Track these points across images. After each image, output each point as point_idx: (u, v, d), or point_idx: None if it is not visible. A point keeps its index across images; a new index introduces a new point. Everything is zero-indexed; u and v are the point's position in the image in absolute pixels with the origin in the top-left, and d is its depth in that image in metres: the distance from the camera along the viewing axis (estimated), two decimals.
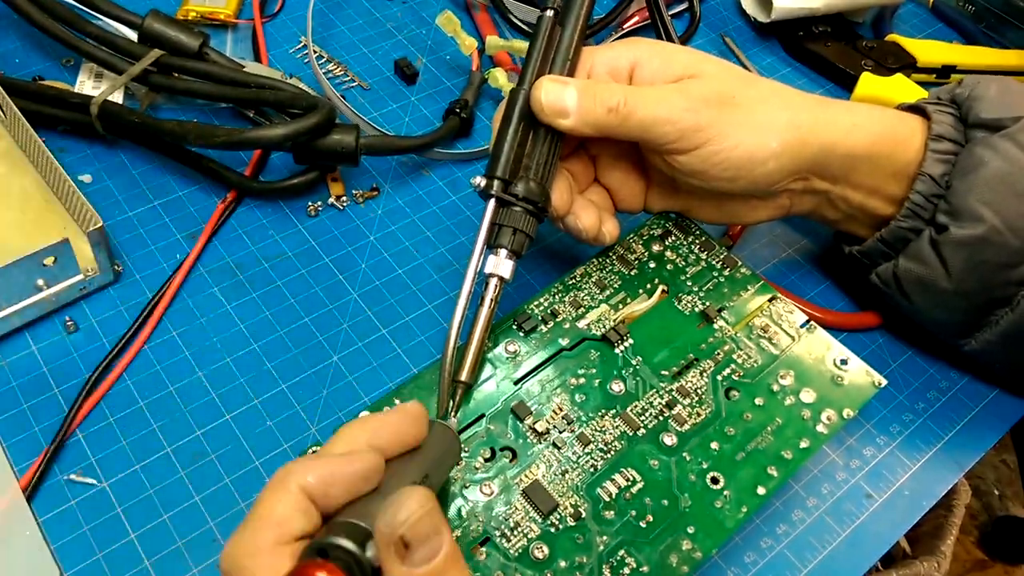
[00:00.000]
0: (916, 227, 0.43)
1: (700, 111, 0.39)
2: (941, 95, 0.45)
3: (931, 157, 0.42)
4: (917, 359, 0.49)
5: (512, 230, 0.39)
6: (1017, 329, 0.43)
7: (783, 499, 0.43)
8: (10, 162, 0.47)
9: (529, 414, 0.38)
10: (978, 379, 0.48)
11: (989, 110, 0.42)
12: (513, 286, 0.40)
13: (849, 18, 0.67)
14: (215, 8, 0.58)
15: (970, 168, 0.41)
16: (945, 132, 0.43)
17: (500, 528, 0.34)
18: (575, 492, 0.36)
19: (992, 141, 0.41)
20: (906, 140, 0.43)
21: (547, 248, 0.51)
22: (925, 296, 0.44)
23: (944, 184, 0.42)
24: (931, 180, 0.42)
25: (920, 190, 0.42)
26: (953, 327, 0.45)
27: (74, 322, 0.44)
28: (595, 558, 0.34)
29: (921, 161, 0.42)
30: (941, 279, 0.42)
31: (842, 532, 0.42)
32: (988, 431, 0.47)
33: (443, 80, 0.59)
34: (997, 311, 0.43)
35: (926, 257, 0.43)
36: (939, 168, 0.42)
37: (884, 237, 0.44)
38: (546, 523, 0.35)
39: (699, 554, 0.35)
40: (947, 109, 0.44)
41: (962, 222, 0.41)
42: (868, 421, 0.47)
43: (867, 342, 0.50)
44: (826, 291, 0.51)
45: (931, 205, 0.42)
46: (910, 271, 0.43)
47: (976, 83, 0.44)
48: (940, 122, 0.43)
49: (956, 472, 0.46)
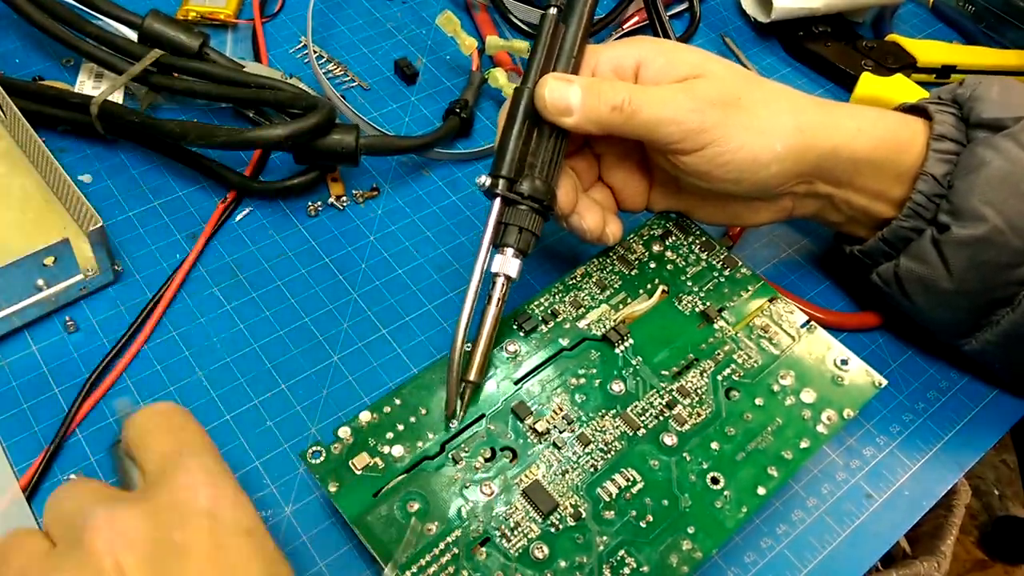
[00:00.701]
0: (918, 227, 0.43)
1: (705, 112, 0.39)
2: (943, 95, 0.45)
3: (933, 157, 0.42)
4: (917, 359, 0.49)
5: (518, 229, 0.39)
6: (1018, 329, 0.43)
7: (783, 499, 0.43)
8: (10, 162, 0.47)
9: (529, 414, 0.38)
10: (978, 379, 0.48)
11: (991, 110, 0.42)
12: (514, 286, 0.40)
13: (849, 18, 0.67)
14: (215, 8, 0.58)
15: (972, 168, 0.41)
16: (947, 132, 0.43)
17: (500, 528, 0.34)
18: (575, 492, 0.36)
19: (994, 141, 0.41)
20: (909, 142, 0.43)
21: (548, 248, 0.51)
22: (926, 296, 0.44)
23: (946, 184, 0.42)
24: (933, 180, 0.42)
25: (922, 190, 0.42)
26: (954, 327, 0.45)
27: (74, 322, 0.44)
28: (595, 558, 0.34)
29: (923, 161, 0.42)
30: (943, 279, 0.42)
31: (842, 532, 0.42)
32: (988, 431, 0.47)
33: (443, 80, 0.59)
34: (998, 311, 0.43)
35: (928, 257, 0.43)
36: (941, 168, 0.42)
37: (886, 237, 0.44)
38: (546, 523, 0.35)
39: (699, 554, 0.35)
40: (949, 109, 0.44)
41: (964, 222, 0.41)
42: (868, 421, 0.46)
43: (867, 342, 0.50)
44: (826, 291, 0.51)
45: (933, 205, 0.42)
46: (911, 271, 0.43)
47: (978, 83, 0.44)
48: (942, 122, 0.43)
49: (956, 472, 0.46)
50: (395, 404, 0.37)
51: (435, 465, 0.36)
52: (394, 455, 0.36)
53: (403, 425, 0.37)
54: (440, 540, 0.34)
